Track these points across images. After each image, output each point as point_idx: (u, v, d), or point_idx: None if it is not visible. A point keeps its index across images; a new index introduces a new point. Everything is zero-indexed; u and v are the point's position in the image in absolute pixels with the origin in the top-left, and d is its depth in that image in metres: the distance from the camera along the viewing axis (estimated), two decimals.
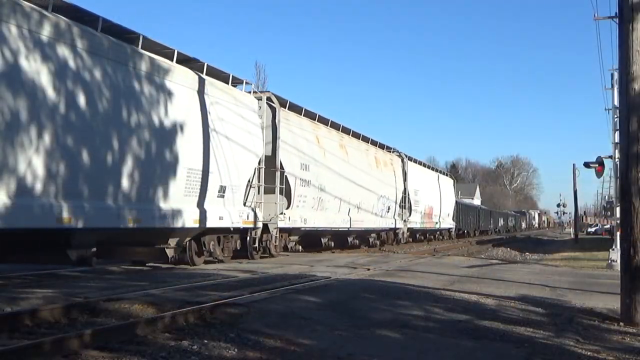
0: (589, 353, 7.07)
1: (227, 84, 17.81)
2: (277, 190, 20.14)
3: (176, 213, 14.61)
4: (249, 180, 18.56)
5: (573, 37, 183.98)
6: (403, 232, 35.29)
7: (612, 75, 22.19)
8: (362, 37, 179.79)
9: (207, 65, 16.30)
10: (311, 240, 24.71)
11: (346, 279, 13.27)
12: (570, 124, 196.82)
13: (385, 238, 32.99)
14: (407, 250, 30.19)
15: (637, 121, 9.00)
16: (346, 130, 27.90)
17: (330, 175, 24.17)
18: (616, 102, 19.68)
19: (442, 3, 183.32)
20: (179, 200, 14.76)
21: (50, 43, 11.19)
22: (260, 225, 18.93)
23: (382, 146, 33.04)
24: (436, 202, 42.81)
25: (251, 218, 18.37)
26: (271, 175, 20.09)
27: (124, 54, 13.18)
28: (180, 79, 14.90)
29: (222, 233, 17.38)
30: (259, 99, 19.79)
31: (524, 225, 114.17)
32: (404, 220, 35.21)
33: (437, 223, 43.66)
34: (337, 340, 7.15)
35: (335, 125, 26.67)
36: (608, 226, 55.32)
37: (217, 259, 17.18)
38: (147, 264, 16.34)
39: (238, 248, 18.29)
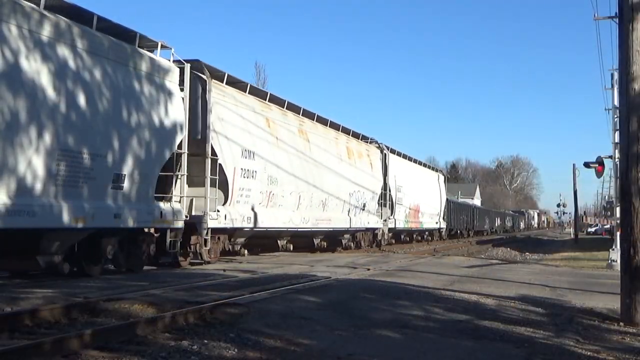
0: (589, 353, 7.07)
1: (134, 45, 14.17)
2: (208, 181, 16.35)
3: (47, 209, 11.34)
4: (164, 168, 15.04)
5: (573, 37, 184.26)
6: (383, 233, 31.22)
7: (612, 75, 22.22)
8: (362, 37, 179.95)
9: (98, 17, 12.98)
10: (266, 242, 21.52)
11: (346, 279, 13.27)
12: (570, 124, 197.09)
13: (362, 239, 28.83)
14: (407, 250, 30.19)
15: (637, 121, 9.00)
16: (309, 115, 23.88)
17: (285, 165, 20.43)
18: (616, 102, 19.68)
19: (442, 3, 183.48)
20: (47, 193, 11.35)
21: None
22: (180, 224, 15.30)
23: (356, 135, 28.81)
24: (424, 199, 38.95)
25: (168, 216, 14.90)
26: (200, 163, 16.43)
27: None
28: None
29: (123, 236, 13.97)
30: (180, 68, 15.93)
31: (522, 225, 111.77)
32: (385, 220, 31.01)
33: (424, 222, 39.90)
34: (337, 340, 7.15)
35: (293, 108, 22.68)
36: (608, 226, 55.29)
37: (118, 269, 14.26)
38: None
39: (152, 253, 14.88)
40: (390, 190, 31.58)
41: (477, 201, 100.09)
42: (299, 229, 21.97)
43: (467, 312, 9.30)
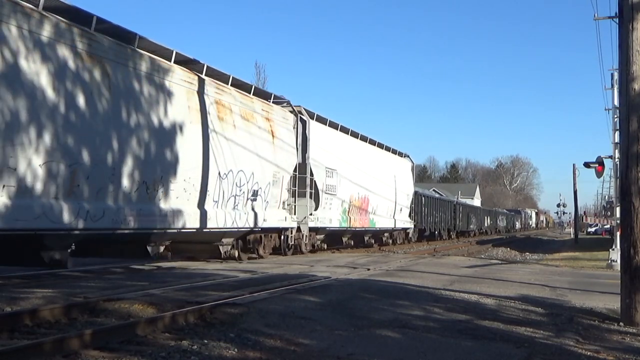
0: (589, 353, 7.07)
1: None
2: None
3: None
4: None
5: (573, 37, 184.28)
6: (302, 235, 21.86)
7: (612, 75, 22.25)
8: (362, 37, 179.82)
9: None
10: None
11: (346, 279, 13.27)
12: (570, 124, 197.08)
13: (240, 246, 18.42)
14: (407, 250, 30.18)
15: (637, 121, 9.01)
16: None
17: None
18: (616, 102, 19.69)
19: (442, 3, 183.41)
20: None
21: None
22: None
23: (255, 92, 19.31)
24: (377, 190, 29.48)
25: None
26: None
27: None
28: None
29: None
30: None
31: (518, 225, 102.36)
32: (303, 217, 21.71)
33: (377, 221, 30.06)
34: (337, 340, 7.15)
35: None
36: (608, 226, 55.25)
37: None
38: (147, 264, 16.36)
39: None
40: (312, 174, 22.24)
41: (477, 201, 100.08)
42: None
43: (467, 312, 9.30)
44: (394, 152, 33.75)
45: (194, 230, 15.41)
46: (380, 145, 31.45)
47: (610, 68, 24.33)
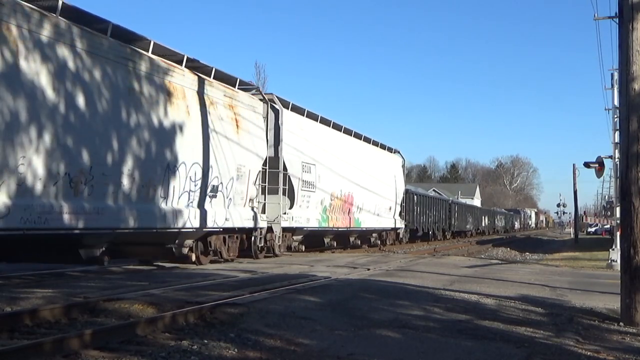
0: (589, 353, 7.07)
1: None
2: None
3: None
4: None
5: (573, 37, 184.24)
6: (275, 235, 19.88)
7: (612, 75, 22.25)
8: (362, 37, 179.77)
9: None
10: None
11: (346, 278, 13.27)
12: (570, 124, 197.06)
13: (201, 248, 16.56)
14: (407, 250, 30.18)
15: (637, 121, 9.01)
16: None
17: None
18: (616, 102, 19.69)
19: (442, 3, 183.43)
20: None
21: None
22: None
23: (224, 79, 17.35)
24: (362, 187, 27.34)
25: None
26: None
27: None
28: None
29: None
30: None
31: (517, 225, 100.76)
32: (276, 216, 19.82)
33: (363, 220, 27.95)
34: (337, 340, 7.15)
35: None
36: (608, 226, 55.24)
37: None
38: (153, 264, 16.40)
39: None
40: (286, 169, 20.48)
41: (477, 201, 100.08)
42: None
43: (467, 312, 9.30)
44: (383, 147, 31.75)
45: (131, 230, 13.26)
46: (367, 140, 29.31)
47: (610, 68, 24.36)
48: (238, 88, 18.07)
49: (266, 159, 19.26)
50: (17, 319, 7.43)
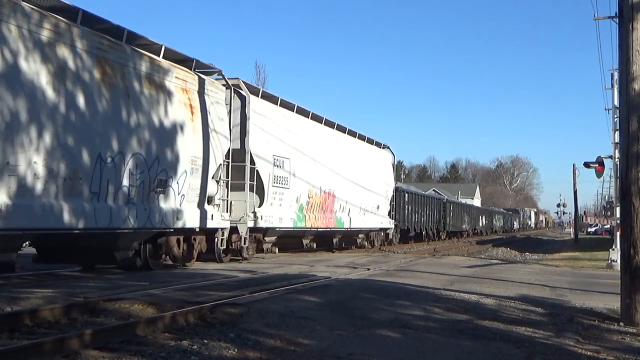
0: (589, 353, 7.07)
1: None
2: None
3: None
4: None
5: (573, 37, 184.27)
6: (240, 237, 17.88)
7: (612, 75, 22.23)
8: (362, 37, 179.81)
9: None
10: None
11: (346, 279, 13.27)
12: (570, 124, 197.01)
13: (150, 251, 14.70)
14: (407, 250, 30.19)
15: (637, 121, 9.01)
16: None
17: None
18: (616, 102, 19.69)
19: (442, 3, 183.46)
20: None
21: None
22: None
23: (174, 57, 15.08)
24: (346, 184, 25.07)
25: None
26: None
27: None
28: None
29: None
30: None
31: (516, 225, 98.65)
32: (242, 215, 17.79)
33: (346, 220, 25.67)
34: (337, 340, 7.15)
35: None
36: (608, 226, 55.25)
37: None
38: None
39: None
40: (254, 163, 18.29)
41: (477, 201, 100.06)
42: None
43: (467, 312, 9.30)
44: (370, 141, 29.33)
45: (61, 232, 11.58)
46: (352, 133, 26.84)
47: (610, 68, 24.37)
48: (197, 71, 15.91)
49: (229, 151, 17.20)
50: (17, 319, 7.43)
